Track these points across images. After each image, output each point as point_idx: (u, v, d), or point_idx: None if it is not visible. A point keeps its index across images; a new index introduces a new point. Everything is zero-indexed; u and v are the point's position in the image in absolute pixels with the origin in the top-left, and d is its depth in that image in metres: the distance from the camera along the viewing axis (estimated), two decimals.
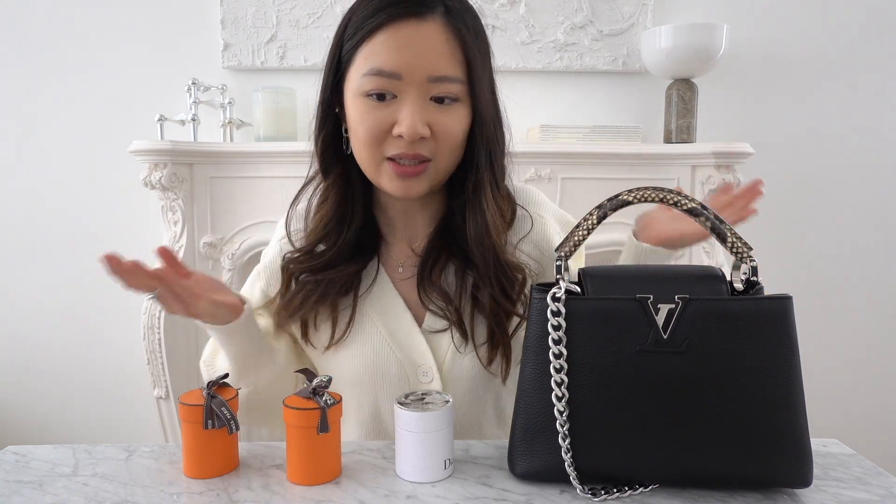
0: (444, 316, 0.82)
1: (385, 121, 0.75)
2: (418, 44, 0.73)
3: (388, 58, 0.73)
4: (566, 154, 1.69)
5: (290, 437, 0.65)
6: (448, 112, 0.76)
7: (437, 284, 0.82)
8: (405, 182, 0.77)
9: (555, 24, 1.87)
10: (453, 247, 0.84)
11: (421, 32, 0.73)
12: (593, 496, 0.61)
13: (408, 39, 0.73)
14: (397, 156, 0.76)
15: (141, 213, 1.91)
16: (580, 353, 0.61)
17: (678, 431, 0.60)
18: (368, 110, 0.75)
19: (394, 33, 0.73)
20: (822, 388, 1.99)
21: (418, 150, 0.75)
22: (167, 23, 1.88)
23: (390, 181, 0.78)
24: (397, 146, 0.75)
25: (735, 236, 0.62)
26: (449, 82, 0.75)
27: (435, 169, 0.78)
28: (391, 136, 0.75)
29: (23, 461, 0.70)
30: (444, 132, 0.76)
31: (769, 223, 1.96)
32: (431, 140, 0.76)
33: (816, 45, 1.93)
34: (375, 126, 0.75)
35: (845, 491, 0.63)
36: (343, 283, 0.83)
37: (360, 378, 0.85)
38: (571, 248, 0.64)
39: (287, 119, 1.78)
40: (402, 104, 0.74)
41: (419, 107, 0.74)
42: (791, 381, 0.59)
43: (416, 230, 0.88)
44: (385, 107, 0.75)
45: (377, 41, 0.74)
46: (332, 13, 1.85)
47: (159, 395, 1.75)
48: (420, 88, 0.74)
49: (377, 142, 0.76)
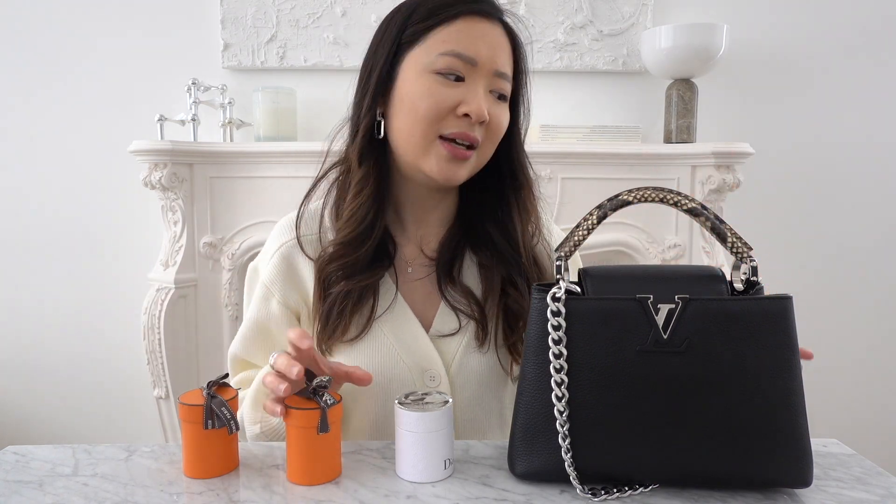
0: (467, 312, 0.83)
1: (452, 98, 0.78)
2: (492, 40, 0.80)
3: (467, 44, 0.78)
4: (566, 154, 1.69)
5: (290, 436, 0.65)
6: (501, 106, 0.82)
7: (458, 281, 0.85)
8: (453, 164, 0.80)
9: (555, 24, 1.87)
10: (478, 244, 0.87)
11: (491, 30, 0.80)
12: (593, 496, 0.61)
13: (484, 33, 0.79)
14: (455, 135, 0.79)
15: (141, 213, 1.92)
16: (580, 353, 0.61)
17: (678, 431, 0.60)
18: (437, 87, 0.78)
19: (473, 25, 0.79)
20: (822, 388, 1.99)
21: (475, 132, 0.79)
22: (167, 23, 1.88)
23: (437, 162, 0.80)
24: (457, 125, 0.79)
25: (735, 236, 0.62)
26: (506, 80, 0.82)
27: (478, 159, 0.82)
28: (452, 116, 0.79)
29: (23, 461, 0.70)
30: (496, 123, 0.82)
31: (769, 223, 1.97)
32: (485, 128, 0.81)
33: (816, 45, 1.93)
34: (442, 102, 0.78)
35: (845, 491, 0.63)
36: (360, 294, 0.82)
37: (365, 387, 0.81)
38: (571, 247, 0.64)
39: (287, 119, 1.78)
40: (470, 88, 0.79)
41: (485, 93, 0.80)
42: (791, 381, 0.59)
43: (427, 230, 0.89)
44: (455, 86, 0.79)
45: (455, 28, 0.79)
46: (332, 13, 1.86)
47: (159, 395, 1.75)
48: (488, 78, 0.80)
49: (438, 118, 0.78)
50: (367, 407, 0.85)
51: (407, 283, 0.86)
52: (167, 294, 1.69)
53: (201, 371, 1.78)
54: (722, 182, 1.68)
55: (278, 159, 1.67)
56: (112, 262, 1.96)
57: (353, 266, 0.82)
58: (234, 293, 1.76)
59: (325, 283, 0.83)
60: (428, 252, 0.88)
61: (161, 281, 1.70)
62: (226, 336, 1.78)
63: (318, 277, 0.84)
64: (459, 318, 0.84)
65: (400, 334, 0.83)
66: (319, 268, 0.84)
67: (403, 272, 0.87)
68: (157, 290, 1.70)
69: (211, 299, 1.76)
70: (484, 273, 0.86)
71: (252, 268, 0.92)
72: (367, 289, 0.82)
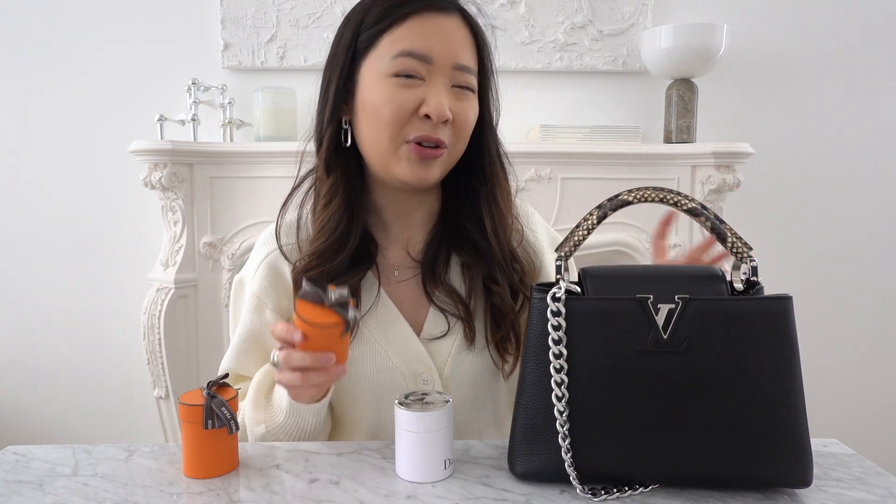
0: (454, 313, 0.82)
1: (412, 101, 0.77)
2: (445, 33, 0.78)
3: (420, 42, 0.76)
4: (566, 154, 1.69)
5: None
6: (466, 101, 0.80)
7: (443, 281, 0.83)
8: (423, 165, 0.79)
9: (555, 24, 1.87)
10: (459, 244, 0.85)
11: (447, 24, 0.78)
12: (593, 496, 0.61)
13: (436, 28, 0.77)
14: (420, 137, 0.77)
15: (141, 213, 1.92)
16: (580, 353, 0.61)
17: (678, 431, 0.60)
18: (396, 90, 0.77)
19: (423, 21, 0.77)
20: (822, 388, 1.99)
21: (440, 134, 0.78)
22: (167, 23, 1.88)
23: (408, 165, 0.79)
24: (421, 128, 0.77)
25: (735, 236, 0.62)
26: (469, 73, 0.79)
27: (449, 156, 0.81)
28: (415, 118, 0.77)
29: (23, 461, 0.70)
30: (462, 119, 0.79)
31: (769, 223, 1.97)
32: (450, 126, 0.79)
33: (816, 45, 1.93)
34: (403, 105, 0.77)
35: (845, 491, 0.63)
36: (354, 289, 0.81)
37: (361, 381, 0.82)
38: (571, 247, 0.64)
39: (287, 119, 1.78)
40: (430, 87, 0.77)
41: (446, 91, 0.78)
42: (791, 380, 0.59)
43: (412, 232, 0.88)
44: (413, 87, 0.77)
45: (407, 27, 0.77)
46: (332, 13, 1.85)
47: (159, 395, 1.75)
48: (446, 74, 0.78)
49: (402, 122, 0.77)
50: (361, 413, 0.84)
51: (394, 286, 0.85)
52: (167, 294, 1.69)
53: (201, 371, 1.78)
54: (722, 182, 1.68)
55: (278, 159, 1.67)
56: (112, 262, 1.96)
57: (329, 274, 0.80)
58: None
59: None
60: (413, 254, 0.86)
61: (161, 281, 1.70)
62: (225, 336, 1.78)
63: (295, 287, 0.82)
64: (448, 319, 0.83)
65: (391, 339, 0.83)
66: (294, 278, 0.83)
67: (390, 275, 0.86)
68: (157, 290, 1.70)
69: (211, 299, 1.76)
70: (467, 272, 0.85)
71: (237, 281, 0.91)
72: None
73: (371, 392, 0.82)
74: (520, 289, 0.84)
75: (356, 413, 0.84)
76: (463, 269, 0.85)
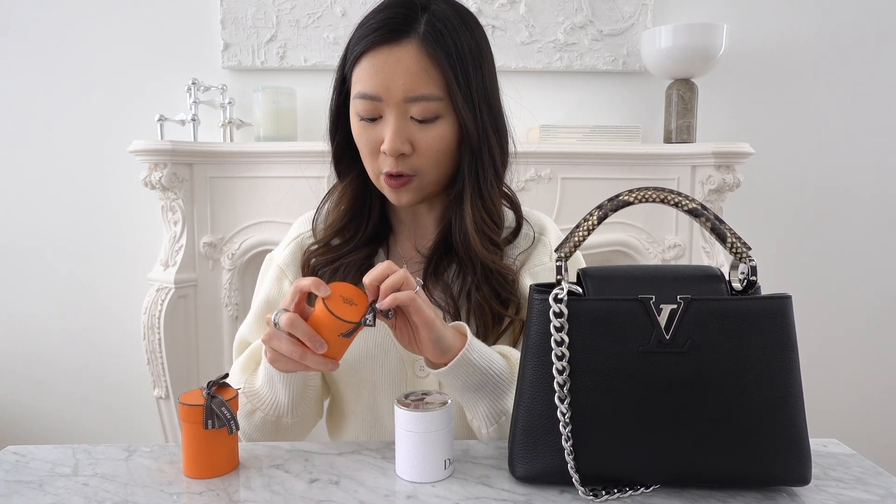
0: (446, 309, 0.85)
1: (375, 139, 0.80)
2: (392, 67, 0.77)
3: (370, 83, 0.78)
4: (566, 154, 1.69)
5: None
6: (429, 129, 0.80)
7: (441, 279, 0.86)
8: (396, 193, 0.83)
9: (555, 24, 1.87)
10: (457, 245, 0.87)
11: (395, 56, 0.77)
12: (594, 497, 0.61)
13: (386, 63, 0.77)
14: (388, 171, 0.81)
15: (141, 213, 1.92)
16: (582, 354, 0.61)
17: (680, 431, 0.60)
18: (363, 131, 0.81)
19: (371, 59, 0.78)
20: (822, 388, 2.00)
21: (400, 167, 0.80)
22: (167, 23, 1.88)
23: (387, 192, 0.84)
24: (385, 162, 0.81)
25: (734, 236, 0.62)
26: (426, 101, 0.78)
27: (421, 182, 0.83)
28: (382, 154, 0.81)
29: (23, 461, 0.70)
30: (426, 148, 0.80)
31: (769, 223, 1.97)
32: (415, 156, 0.80)
33: (816, 45, 1.93)
34: (370, 143, 0.81)
35: (845, 491, 0.63)
36: (358, 267, 0.86)
37: (358, 367, 0.87)
38: (571, 248, 0.64)
39: (287, 119, 1.78)
40: (385, 124, 0.79)
41: (400, 125, 0.79)
42: (791, 380, 0.59)
43: (423, 231, 0.91)
44: (374, 127, 0.80)
45: (362, 67, 0.79)
46: (332, 13, 1.85)
47: (159, 395, 1.74)
48: (399, 108, 0.78)
49: (373, 157, 0.82)
50: (358, 391, 0.89)
51: None
52: (167, 294, 1.69)
53: (201, 371, 1.78)
54: (722, 182, 1.68)
55: (278, 159, 1.67)
56: (112, 262, 1.96)
57: (338, 259, 0.87)
58: (234, 293, 1.76)
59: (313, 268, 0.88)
60: (422, 251, 0.90)
61: (161, 281, 1.70)
62: (226, 336, 1.78)
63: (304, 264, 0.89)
64: (444, 315, 0.86)
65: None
66: (305, 261, 0.89)
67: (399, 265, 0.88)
68: (157, 290, 1.70)
69: (211, 299, 1.76)
70: (462, 272, 0.87)
71: (268, 258, 0.96)
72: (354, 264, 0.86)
73: (370, 368, 0.86)
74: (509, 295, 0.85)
75: (354, 388, 0.89)
76: (458, 268, 0.88)
